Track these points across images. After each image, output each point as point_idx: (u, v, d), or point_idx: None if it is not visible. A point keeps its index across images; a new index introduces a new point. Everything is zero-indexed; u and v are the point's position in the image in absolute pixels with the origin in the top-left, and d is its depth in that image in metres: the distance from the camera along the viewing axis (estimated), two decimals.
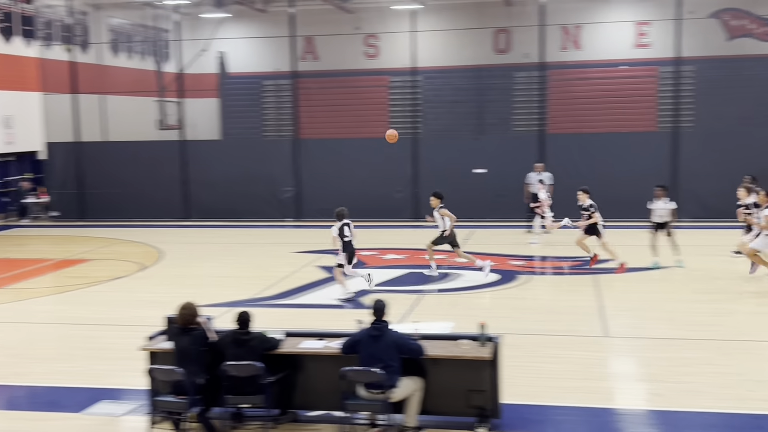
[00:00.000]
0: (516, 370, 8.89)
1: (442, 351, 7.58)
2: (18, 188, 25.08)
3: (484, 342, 7.68)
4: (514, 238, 19.42)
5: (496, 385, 7.65)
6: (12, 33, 24.98)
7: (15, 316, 12.76)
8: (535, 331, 11.10)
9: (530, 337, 10.74)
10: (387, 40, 28.70)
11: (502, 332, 8.08)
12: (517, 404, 8.18)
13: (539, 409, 8.31)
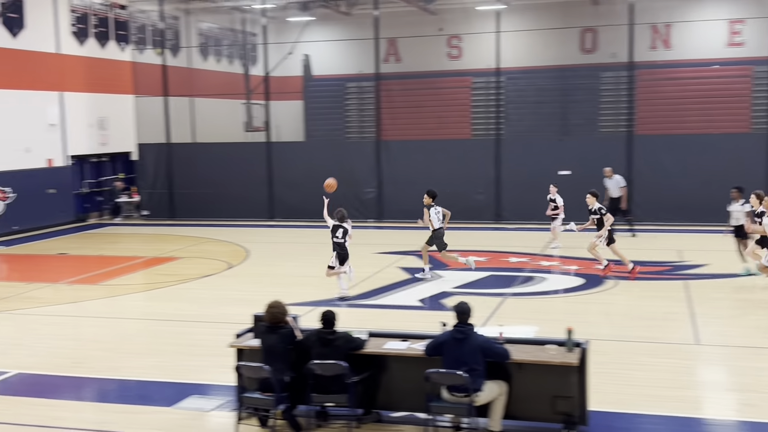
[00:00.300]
0: (603, 376, 8.71)
1: (528, 355, 7.49)
2: (112, 188, 26.02)
3: (571, 347, 7.55)
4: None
5: (583, 392, 7.50)
6: (107, 38, 25.95)
7: (109, 311, 13.23)
8: (623, 338, 10.85)
9: (617, 344, 10.51)
10: (470, 41, 28.57)
11: (589, 338, 7.92)
12: (605, 412, 8.01)
13: (627, 417, 8.12)
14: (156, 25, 26.12)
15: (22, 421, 8.21)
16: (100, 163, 26.09)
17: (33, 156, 22.64)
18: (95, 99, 25.17)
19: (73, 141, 24.33)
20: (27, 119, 22.38)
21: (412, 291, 14.13)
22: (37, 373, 9.89)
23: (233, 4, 27.77)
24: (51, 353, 10.68)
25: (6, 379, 9.66)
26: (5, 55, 21.57)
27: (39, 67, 22.94)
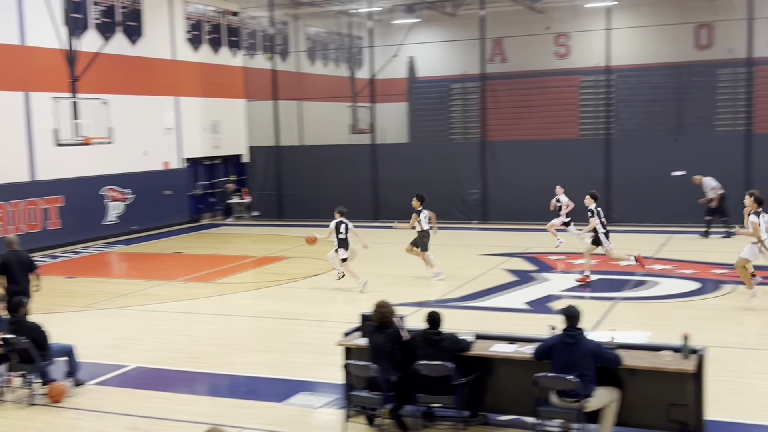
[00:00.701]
0: (721, 385, 8.35)
1: (641, 362, 7.25)
2: (224, 189, 26.87)
3: (687, 354, 7.27)
4: (717, 246, 18.27)
5: (699, 400, 7.21)
6: (220, 44, 26.83)
7: (222, 308, 13.65)
8: (741, 345, 10.39)
9: (736, 351, 10.06)
10: (578, 39, 27.99)
11: (706, 344, 7.61)
12: (723, 421, 7.68)
13: (746, 428, 7.76)
14: (266, 30, 26.81)
15: (139, 413, 8.57)
16: (212, 165, 26.99)
17: (150, 159, 23.65)
18: (208, 103, 26.07)
19: (188, 144, 25.27)
20: (145, 123, 23.40)
21: (518, 293, 13.95)
22: (154, 367, 10.30)
23: (340, 9, 28.19)
24: (167, 348, 11.12)
25: (125, 372, 10.10)
26: (125, 62, 22.61)
27: (156, 73, 23.94)
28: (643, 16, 26.33)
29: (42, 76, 19.78)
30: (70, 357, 9.31)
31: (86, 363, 9.71)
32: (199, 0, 25.72)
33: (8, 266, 11.06)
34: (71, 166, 20.67)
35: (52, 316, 12.70)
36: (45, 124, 18.70)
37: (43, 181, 20.16)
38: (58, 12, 18.96)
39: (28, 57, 19.68)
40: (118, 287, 15.73)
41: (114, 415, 8.53)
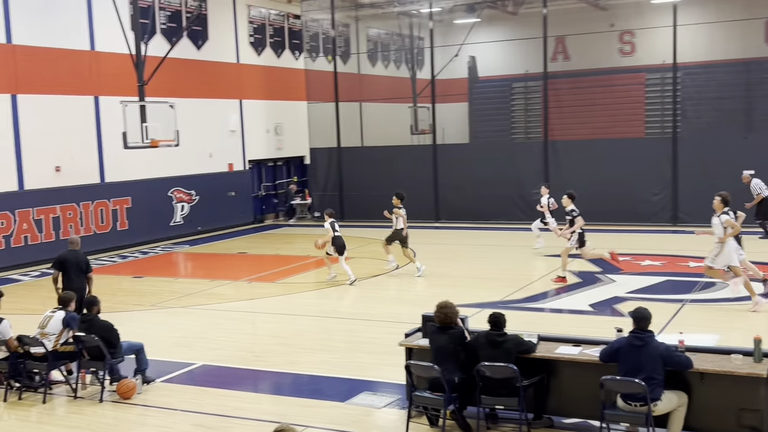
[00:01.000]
0: None
1: (711, 365, 7.08)
2: (286, 191, 27.19)
3: (759, 358, 7.07)
4: None
5: None
6: (282, 47, 27.16)
7: (285, 308, 13.80)
8: None
9: None
10: (644, 36, 27.44)
11: None
12: None
13: None
14: (327, 33, 27.02)
15: (205, 410, 8.72)
16: (275, 167, 27.34)
17: (215, 161, 24.08)
18: (271, 106, 26.42)
19: (251, 146, 25.65)
20: (210, 126, 23.84)
21: (582, 295, 13.76)
22: (220, 365, 10.48)
23: (401, 10, 28.23)
24: (232, 347, 11.30)
25: (192, 370, 10.30)
26: (191, 66, 23.07)
27: (220, 76, 24.37)
28: (710, 11, 25.66)
29: (111, 81, 20.34)
30: (140, 355, 9.54)
31: (154, 361, 9.94)
32: (262, 4, 26.09)
33: (65, 265, 11.37)
34: (139, 169, 21.20)
35: (121, 314, 13.03)
36: (114, 128, 19.23)
37: (112, 183, 20.71)
38: (126, 18, 19.46)
39: (98, 62, 20.26)
40: (185, 287, 16.05)
41: (181, 412, 8.71)
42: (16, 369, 9.43)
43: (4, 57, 18.15)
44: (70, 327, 9.40)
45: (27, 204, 18.56)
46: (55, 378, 9.66)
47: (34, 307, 12.41)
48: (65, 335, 9.43)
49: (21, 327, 10.25)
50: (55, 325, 9.41)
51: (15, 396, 9.37)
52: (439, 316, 7.75)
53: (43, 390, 9.33)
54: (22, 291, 15.99)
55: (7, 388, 9.43)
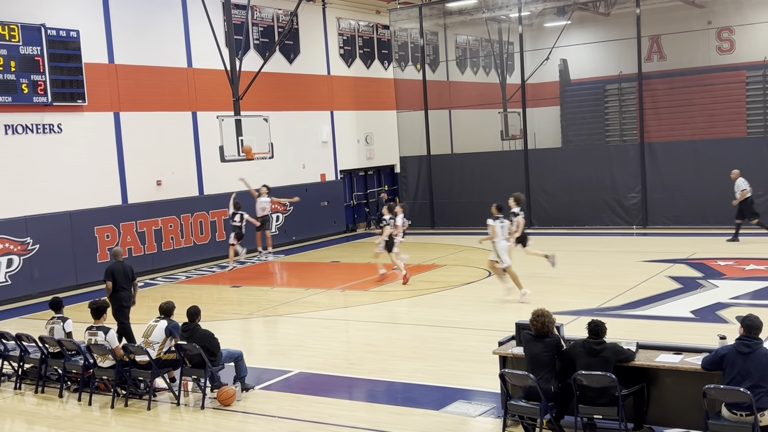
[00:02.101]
0: None
1: None
2: (377, 199, 27.40)
3: None
4: None
5: None
6: (372, 58, 27.44)
7: (377, 316, 13.92)
8: None
9: None
10: (743, 33, 26.42)
11: None
12: None
13: None
14: (416, 42, 27.14)
15: (302, 417, 8.87)
16: (366, 176, 27.60)
17: (308, 171, 24.51)
18: (361, 116, 26.72)
19: (343, 156, 25.99)
20: (303, 138, 24.30)
21: (683, 301, 13.32)
22: (315, 372, 10.64)
23: (489, 15, 28.09)
24: (327, 354, 11.45)
25: (288, 377, 10.49)
26: (283, 80, 23.59)
27: (312, 89, 24.82)
28: None
29: (207, 96, 21.02)
30: (239, 362, 9.79)
31: (252, 368, 10.18)
32: (351, 16, 26.44)
33: (115, 275, 11.97)
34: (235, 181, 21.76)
35: (220, 323, 13.42)
36: (211, 142, 19.85)
37: (211, 196, 21.35)
38: (221, 35, 20.08)
39: (195, 79, 20.97)
40: (281, 295, 16.38)
41: (279, 419, 8.88)
42: (122, 377, 9.83)
43: (107, 76, 19.00)
44: (173, 336, 9.74)
45: (130, 217, 19.34)
46: (159, 385, 10.03)
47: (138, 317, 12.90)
48: (168, 344, 9.77)
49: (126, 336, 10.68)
50: (158, 334, 9.76)
51: (121, 403, 9.76)
52: (535, 324, 7.64)
53: (148, 397, 9.68)
54: None
55: (114, 396, 9.83)
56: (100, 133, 18.89)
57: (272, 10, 23.49)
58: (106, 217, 18.81)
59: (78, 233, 18.14)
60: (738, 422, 6.76)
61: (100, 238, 18.64)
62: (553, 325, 7.68)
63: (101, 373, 10.03)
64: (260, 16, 23.09)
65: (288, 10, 23.39)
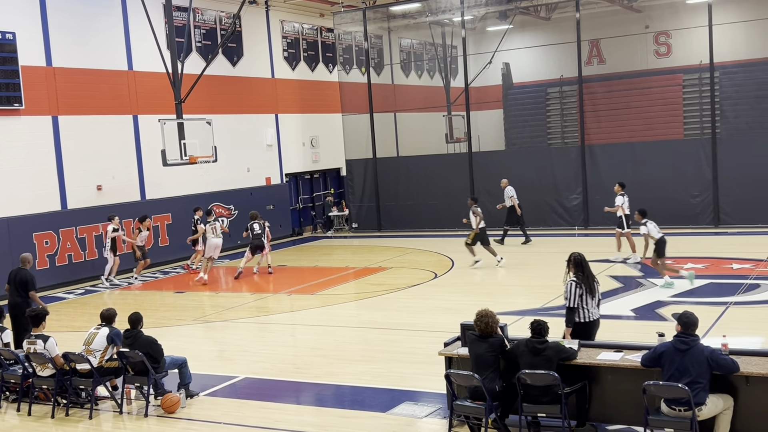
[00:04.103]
0: None
1: (756, 368, 6.96)
2: (323, 203, 27.35)
3: None
4: None
5: None
6: (316, 61, 27.39)
7: (325, 319, 13.88)
8: None
9: None
10: (679, 37, 27.15)
11: None
12: None
13: None
14: (360, 45, 27.18)
15: (248, 423, 8.80)
16: (312, 179, 27.53)
17: (253, 175, 24.33)
18: (307, 119, 26.65)
19: (288, 159, 25.88)
20: (247, 141, 24.12)
21: (623, 300, 13.61)
22: (262, 377, 10.56)
23: (433, 19, 28.30)
24: (274, 359, 11.38)
25: (234, 383, 10.39)
26: (227, 83, 23.39)
27: (256, 92, 24.66)
28: (746, 9, 25.31)
29: (149, 100, 20.71)
30: (183, 369, 9.67)
31: (197, 374, 10.07)
32: (295, 19, 26.35)
33: (9, 281, 11.80)
34: (178, 185, 21.51)
35: (164, 329, 13.23)
36: (153, 146, 19.56)
37: (153, 200, 21.04)
38: (162, 37, 19.81)
39: (136, 82, 20.64)
40: (226, 301, 16.23)
41: (224, 425, 8.80)
42: (62, 386, 9.62)
43: (45, 79, 18.58)
44: (115, 343, 9.57)
45: (70, 223, 18.93)
46: (100, 394, 9.84)
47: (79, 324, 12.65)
48: (110, 351, 9.60)
49: (67, 344, 10.46)
50: (99, 342, 9.58)
51: (62, 412, 9.55)
52: (479, 325, 7.73)
53: (90, 406, 9.49)
54: (66, 309, 16.31)
55: (54, 405, 9.61)
56: (38, 137, 18.45)
57: (215, 13, 23.28)
58: (44, 223, 18.38)
59: (16, 240, 17.66)
60: (677, 417, 6.93)
61: (39, 245, 18.20)
62: (497, 325, 7.78)
63: (41, 383, 9.80)
64: (202, 19, 22.86)
65: (231, 12, 23.21)
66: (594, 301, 8.70)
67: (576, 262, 8.79)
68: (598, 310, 8.73)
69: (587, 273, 8.76)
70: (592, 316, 8.68)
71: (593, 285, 8.75)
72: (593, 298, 8.69)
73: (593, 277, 8.87)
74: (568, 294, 8.70)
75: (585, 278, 8.71)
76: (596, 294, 8.74)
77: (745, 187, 20.71)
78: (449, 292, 15.49)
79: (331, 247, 23.82)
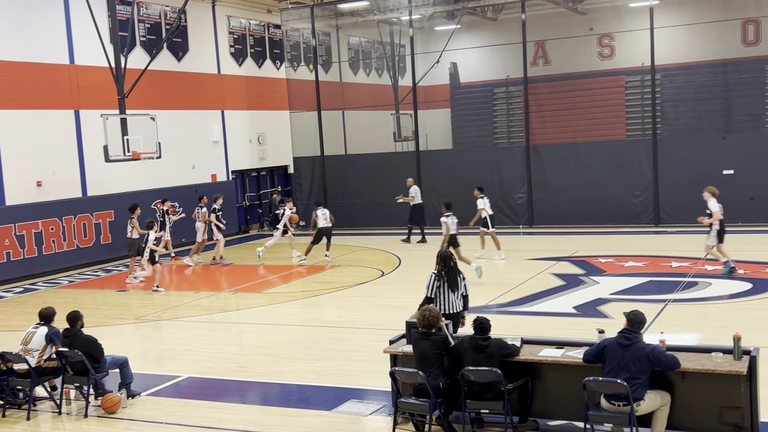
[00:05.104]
0: None
1: (692, 364, 7.14)
2: (270, 200, 27.16)
3: (739, 355, 7.14)
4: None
5: (754, 402, 7.07)
6: (263, 57, 27.18)
7: (270, 318, 13.79)
8: None
9: None
10: (622, 39, 27.67)
11: (759, 345, 7.45)
12: None
13: None
14: (308, 42, 27.07)
15: (190, 423, 8.70)
16: (259, 176, 27.32)
17: (198, 172, 24.03)
18: (254, 116, 26.43)
19: (234, 156, 25.63)
20: (192, 137, 23.81)
21: (566, 297, 13.83)
22: (206, 377, 10.45)
23: (381, 18, 28.33)
24: (218, 358, 11.27)
25: (177, 383, 10.26)
26: (172, 78, 23.05)
27: (202, 87, 24.36)
28: (687, 13, 25.92)
29: (91, 94, 20.29)
30: (124, 368, 9.51)
31: (139, 374, 9.91)
32: (242, 14, 26.11)
33: None
34: (121, 182, 21.13)
35: (106, 329, 13.00)
36: (95, 141, 19.17)
37: (95, 197, 20.63)
38: (105, 31, 19.43)
39: (78, 76, 20.20)
40: (170, 299, 16.01)
41: (167, 425, 8.68)
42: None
43: None
44: (53, 342, 9.36)
45: (8, 220, 18.44)
46: (39, 394, 9.61)
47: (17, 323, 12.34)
48: (48, 351, 9.39)
49: (4, 344, 10.20)
50: (38, 341, 9.36)
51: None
52: (421, 320, 7.78)
53: (27, 407, 9.27)
54: (5, 307, 15.90)
55: None
56: None
57: (159, 7, 22.92)
58: None
59: None
60: (616, 412, 7.07)
61: None
62: (439, 321, 7.83)
63: None
64: (147, 13, 22.49)
65: (176, 7, 22.87)
66: (454, 295, 9.36)
67: (441, 258, 9.49)
68: (459, 302, 9.39)
69: (450, 268, 9.38)
70: (450, 308, 9.31)
71: (456, 280, 9.39)
72: (453, 292, 9.33)
73: (458, 273, 9.50)
74: (428, 285, 9.40)
75: (447, 272, 9.34)
76: (458, 289, 9.38)
77: (684, 187, 21.20)
78: (395, 290, 15.54)
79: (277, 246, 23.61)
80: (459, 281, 9.42)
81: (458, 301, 9.39)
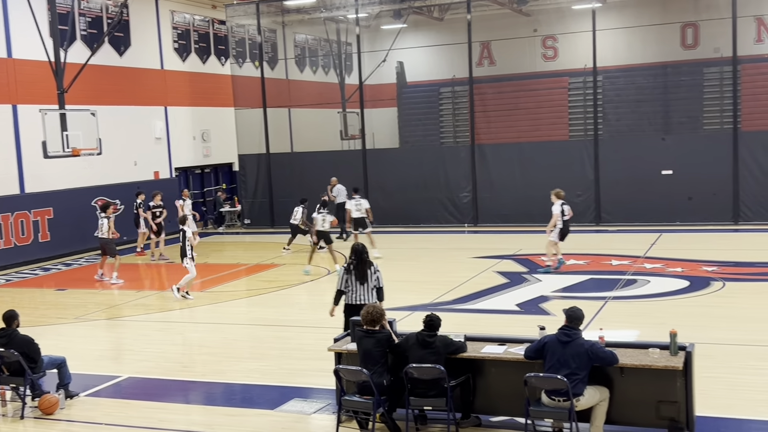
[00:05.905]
0: (710, 381, 8.42)
1: (630, 360, 7.30)
2: (215, 198, 26.87)
3: (675, 351, 7.32)
4: (706, 243, 18.40)
5: (689, 397, 7.26)
6: (208, 53, 26.86)
7: (213, 317, 13.65)
8: (730, 341, 10.43)
9: (725, 347, 10.11)
10: (566, 41, 28.14)
11: (694, 341, 7.66)
12: (713, 417, 7.73)
13: (736, 423, 7.82)
14: (254, 38, 26.85)
15: (131, 423, 8.56)
16: (203, 174, 26.99)
17: (140, 168, 23.63)
18: (198, 112, 26.09)
19: (178, 153, 25.27)
20: (134, 134, 23.40)
21: (509, 295, 14.00)
22: (147, 377, 10.29)
23: (328, 15, 28.26)
24: (160, 358, 11.11)
25: (118, 383, 10.08)
26: (113, 73, 22.61)
27: (144, 83, 23.95)
28: (628, 17, 26.49)
29: (29, 89, 19.78)
30: (62, 369, 9.30)
31: (78, 375, 9.70)
32: (186, 9, 25.76)
33: None
34: (60, 178, 20.66)
35: (44, 328, 12.70)
36: (33, 137, 18.70)
37: (33, 194, 20.13)
38: (45, 24, 18.98)
39: (15, 70, 19.68)
40: (110, 298, 15.72)
41: (106, 426, 8.52)
42: None
43: None
44: None
45: None
46: None
47: None
48: None
49: None
50: None
51: None
52: (365, 318, 7.79)
53: None
54: None
55: None
56: None
57: (101, 0, 22.46)
58: None
59: None
60: (556, 407, 7.18)
61: None
62: (383, 318, 7.85)
63: None
64: (87, 6, 22.01)
65: (118, 0, 22.45)
66: (364, 288, 9.54)
67: (354, 251, 9.71)
68: (370, 295, 9.50)
69: (360, 261, 9.55)
70: (359, 299, 9.48)
71: (365, 272, 9.53)
72: (362, 284, 9.52)
73: (369, 265, 9.63)
74: (338, 277, 9.72)
75: (357, 266, 9.53)
76: (368, 282, 9.53)
77: (624, 187, 21.66)
78: None
79: (222, 244, 23.44)
80: (369, 274, 9.51)
81: (369, 293, 9.48)
